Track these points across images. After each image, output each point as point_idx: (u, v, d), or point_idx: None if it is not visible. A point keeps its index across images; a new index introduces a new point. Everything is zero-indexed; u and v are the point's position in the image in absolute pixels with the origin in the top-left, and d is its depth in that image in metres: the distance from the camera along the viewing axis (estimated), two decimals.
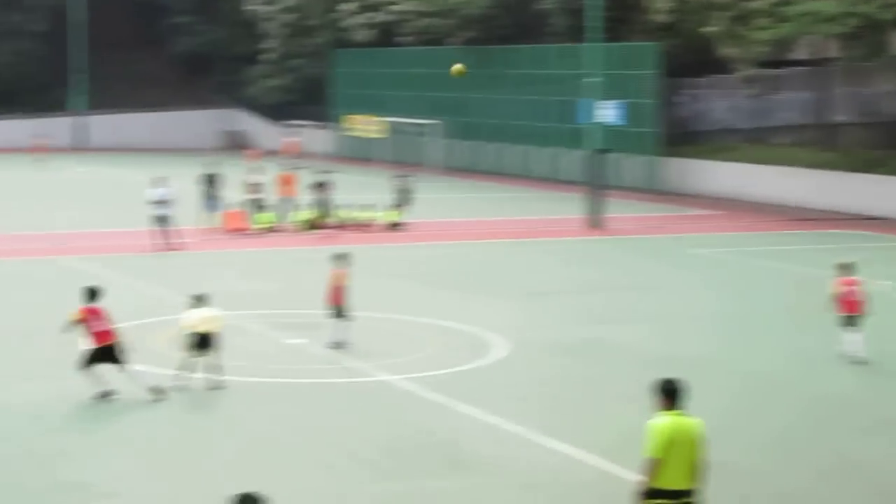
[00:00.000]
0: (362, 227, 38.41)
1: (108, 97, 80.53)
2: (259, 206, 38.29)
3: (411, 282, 28.59)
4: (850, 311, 20.52)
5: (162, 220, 33.41)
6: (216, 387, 17.87)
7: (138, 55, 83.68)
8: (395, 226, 38.88)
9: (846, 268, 20.93)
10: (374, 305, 23.91)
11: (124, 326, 21.96)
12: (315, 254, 30.48)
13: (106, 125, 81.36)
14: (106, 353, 17.29)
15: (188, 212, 35.92)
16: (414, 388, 18.37)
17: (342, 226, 38.23)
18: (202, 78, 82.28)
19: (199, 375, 17.88)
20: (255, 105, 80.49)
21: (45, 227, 37.95)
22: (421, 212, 40.94)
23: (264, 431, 16.02)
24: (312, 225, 37.88)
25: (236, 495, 8.33)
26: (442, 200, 48.30)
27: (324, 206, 38.60)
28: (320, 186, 38.97)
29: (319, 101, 75.26)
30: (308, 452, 15.12)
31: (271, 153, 62.55)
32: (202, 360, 17.86)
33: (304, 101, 75.94)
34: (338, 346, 20.92)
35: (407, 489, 13.84)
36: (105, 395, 17.37)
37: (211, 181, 38.34)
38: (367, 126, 67.52)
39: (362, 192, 43.69)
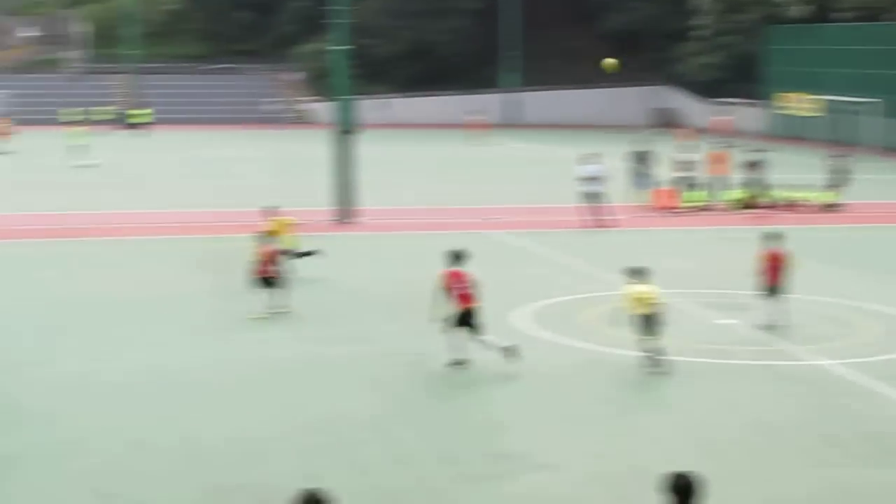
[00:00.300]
0: (795, 207, 37.24)
1: (540, 74, 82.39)
2: (690, 184, 37.93)
3: (845, 265, 27.41)
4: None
5: (592, 196, 33.72)
6: (658, 368, 17.67)
7: (569, 32, 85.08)
8: (830, 207, 37.42)
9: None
10: (806, 288, 23.09)
11: (555, 301, 22.41)
12: (746, 233, 29.84)
13: (538, 101, 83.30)
14: (465, 317, 17.42)
15: (617, 189, 36.12)
16: (848, 373, 17.59)
17: (775, 205, 37.22)
18: (632, 55, 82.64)
19: (650, 354, 17.65)
20: (685, 82, 79.87)
21: (477, 201, 39.29)
22: (858, 193, 39.17)
23: (693, 411, 15.83)
24: (745, 205, 37.12)
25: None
26: (881, 182, 46.01)
27: (756, 186, 37.72)
28: (753, 165, 38.09)
29: (751, 78, 73.61)
30: (738, 434, 14.79)
31: (701, 131, 61.89)
32: (647, 341, 17.60)
33: (735, 78, 74.53)
34: (769, 327, 20.38)
35: (843, 478, 13.27)
36: (458, 364, 17.55)
37: (641, 158, 38.35)
38: (800, 104, 65.40)
39: (796, 172, 42.34)
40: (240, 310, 21.47)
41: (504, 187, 43.95)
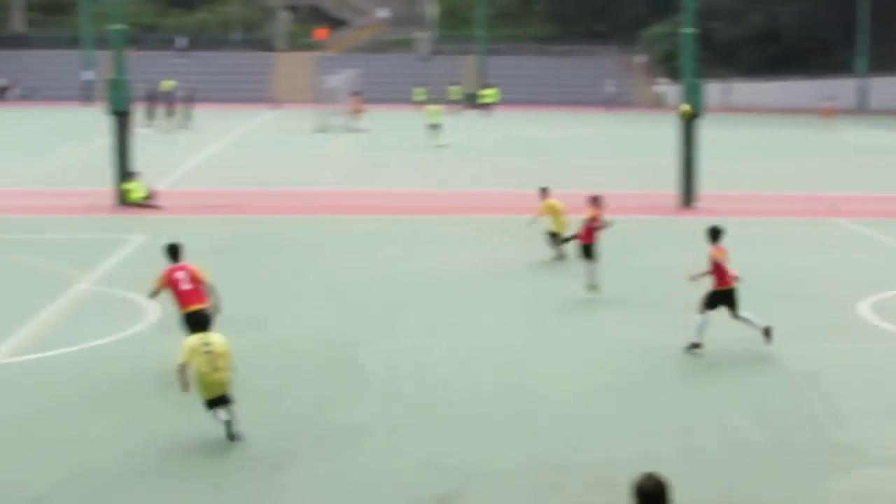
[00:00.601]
0: None
1: (888, 58, 78.76)
2: None
3: None
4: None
5: None
6: None
7: None
8: None
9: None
10: None
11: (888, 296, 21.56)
12: None
13: (885, 87, 79.74)
14: (723, 297, 17.23)
15: None
16: None
17: None
18: None
19: None
20: None
21: (823, 188, 38.24)
22: None
23: None
24: None
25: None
26: None
27: None
28: None
29: None
30: None
31: None
32: None
33: None
34: None
35: None
36: (694, 347, 17.32)
37: None
38: None
39: None
40: (573, 288, 21.81)
41: (851, 174, 42.48)
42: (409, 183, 39.39)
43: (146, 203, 32.45)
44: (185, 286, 16.00)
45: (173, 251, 16.44)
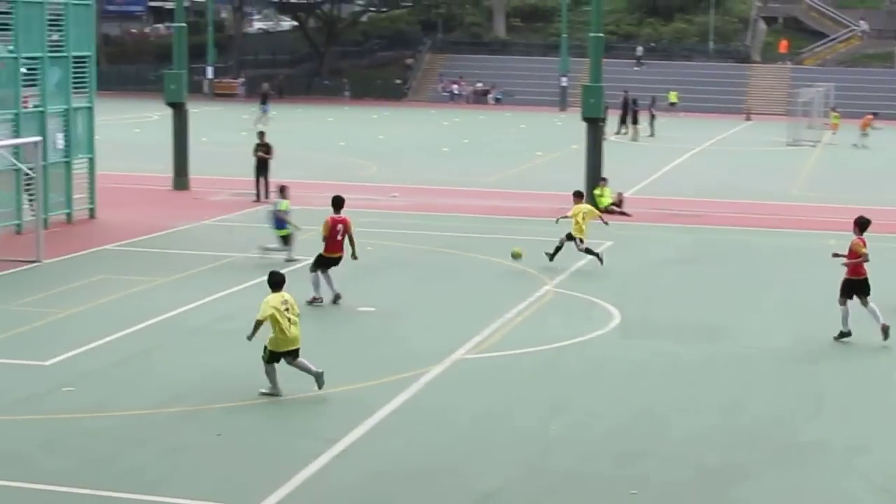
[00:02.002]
0: None
1: None
2: None
3: None
4: None
5: None
6: None
7: None
8: None
9: None
10: None
11: None
12: None
13: None
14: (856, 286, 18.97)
15: None
16: None
17: None
18: None
19: None
20: None
21: None
22: None
23: None
24: None
25: None
26: None
27: None
28: None
29: None
30: None
31: None
32: None
33: None
34: None
35: None
36: (843, 336, 18.92)
37: None
38: None
39: None
40: None
41: None
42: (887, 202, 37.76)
43: (614, 209, 33.16)
44: (339, 237, 21.21)
45: (337, 203, 21.42)
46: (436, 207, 34.04)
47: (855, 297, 19.13)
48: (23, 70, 28.53)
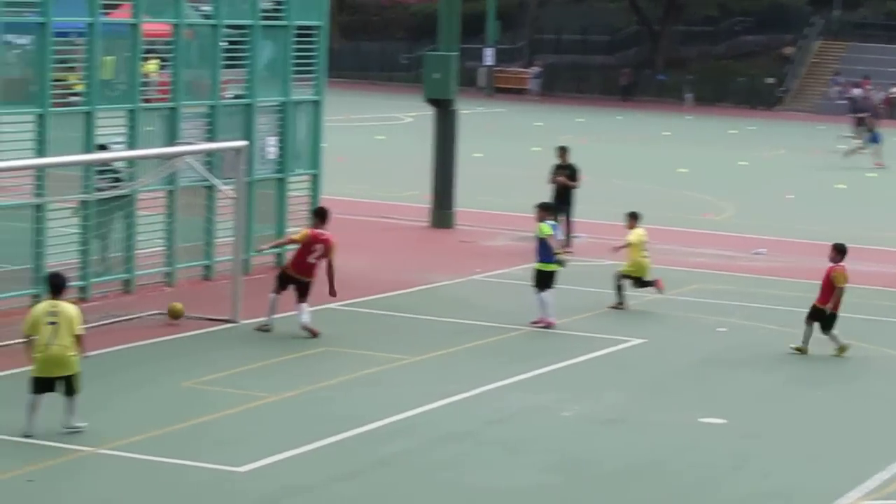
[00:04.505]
0: None
1: None
2: None
3: None
4: None
5: None
6: None
7: None
8: None
9: None
10: None
11: None
12: None
13: None
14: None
15: None
16: None
17: None
18: None
19: None
20: None
21: None
22: None
23: None
24: None
25: None
26: None
27: None
28: None
29: None
30: None
31: None
32: None
33: None
34: None
35: None
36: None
37: None
38: None
39: None
40: None
41: None
42: None
43: None
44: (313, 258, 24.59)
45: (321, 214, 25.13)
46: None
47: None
48: (223, 44, 29.47)
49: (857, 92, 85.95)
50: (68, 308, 18.67)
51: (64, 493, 16.70)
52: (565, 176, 35.11)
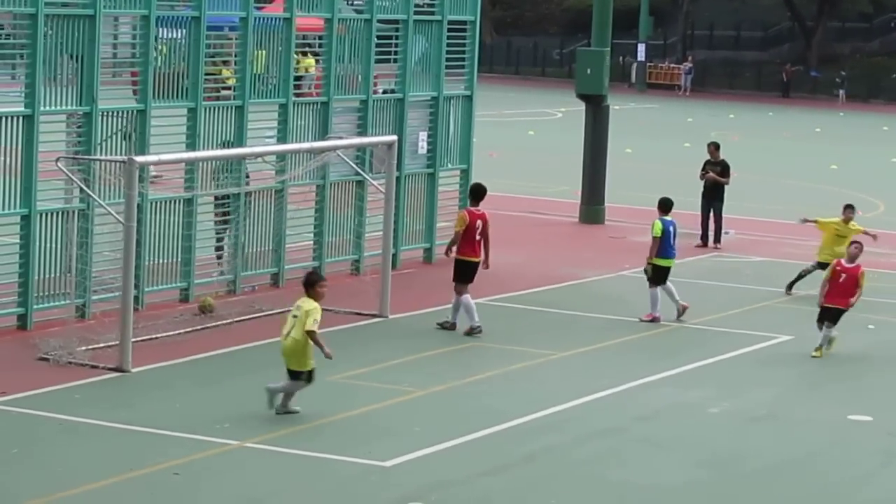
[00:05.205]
0: None
1: None
2: None
3: None
4: None
5: None
6: None
7: None
8: None
9: None
10: None
11: None
12: None
13: None
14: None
15: None
16: None
17: None
18: None
19: None
20: None
21: None
22: None
23: None
24: None
25: None
26: None
27: None
28: None
29: None
30: None
31: None
32: None
33: None
34: None
35: None
36: None
37: None
38: None
39: None
40: None
41: None
42: None
43: None
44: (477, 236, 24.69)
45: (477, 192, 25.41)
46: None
47: None
48: (375, 38, 29.48)
49: None
50: (308, 304, 19.10)
51: (209, 486, 16.74)
52: (716, 172, 34.87)
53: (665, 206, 26.80)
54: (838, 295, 24.38)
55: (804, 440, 19.78)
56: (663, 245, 26.42)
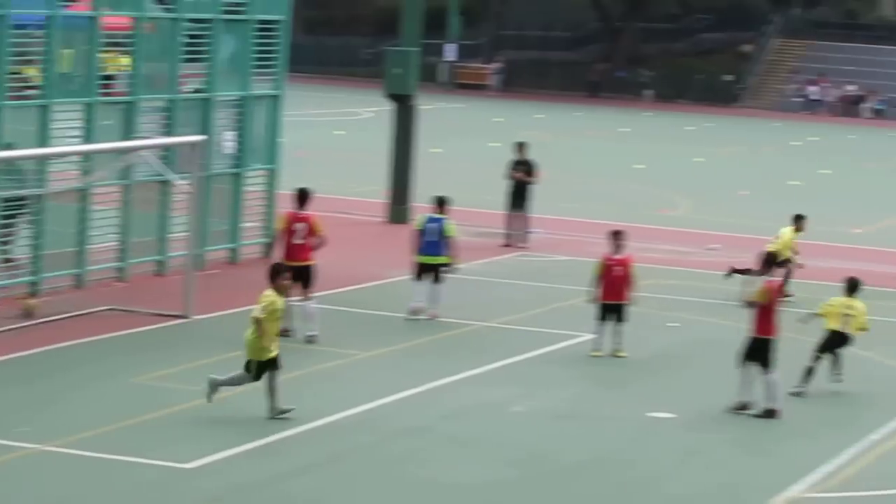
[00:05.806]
0: None
1: None
2: None
3: None
4: None
5: None
6: None
7: None
8: None
9: None
10: None
11: None
12: None
13: None
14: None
15: None
16: None
17: None
18: None
19: None
20: None
21: None
22: None
23: None
24: None
25: None
26: None
27: None
28: None
29: None
30: None
31: None
32: None
33: None
34: None
35: None
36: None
37: None
38: None
39: None
40: None
41: None
42: None
43: None
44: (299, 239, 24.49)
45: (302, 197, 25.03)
46: None
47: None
48: (183, 37, 29.24)
49: (813, 90, 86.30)
50: (264, 296, 19.44)
51: (4, 491, 16.45)
52: (523, 172, 35.07)
53: (439, 203, 26.80)
54: (616, 290, 24.34)
55: (607, 437, 20.05)
56: (421, 240, 26.51)
